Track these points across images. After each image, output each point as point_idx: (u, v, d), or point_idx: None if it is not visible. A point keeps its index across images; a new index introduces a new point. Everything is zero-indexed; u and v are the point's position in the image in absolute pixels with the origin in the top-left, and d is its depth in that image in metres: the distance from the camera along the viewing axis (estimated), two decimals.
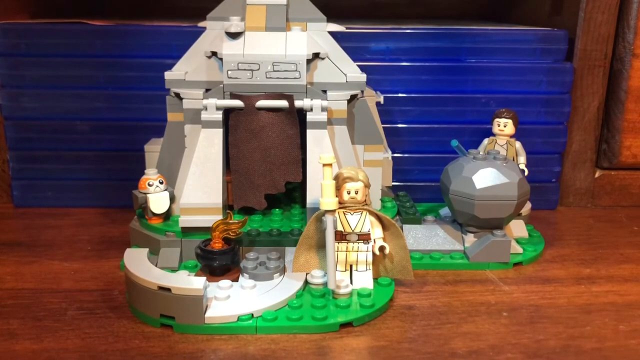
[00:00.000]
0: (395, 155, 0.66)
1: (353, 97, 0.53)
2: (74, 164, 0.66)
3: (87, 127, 0.65)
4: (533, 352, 0.40)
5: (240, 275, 0.46)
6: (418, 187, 0.68)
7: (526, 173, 0.57)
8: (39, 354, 0.39)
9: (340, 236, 0.46)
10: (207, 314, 0.41)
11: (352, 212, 0.46)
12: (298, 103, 0.51)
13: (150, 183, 0.51)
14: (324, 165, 0.44)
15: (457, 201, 0.53)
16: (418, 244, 0.54)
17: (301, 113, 0.51)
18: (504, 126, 0.59)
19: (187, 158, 0.53)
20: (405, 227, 0.55)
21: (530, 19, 0.80)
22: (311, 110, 0.51)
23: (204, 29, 0.53)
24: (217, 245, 0.47)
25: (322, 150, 0.51)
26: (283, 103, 0.51)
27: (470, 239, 0.54)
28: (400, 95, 0.66)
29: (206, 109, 0.51)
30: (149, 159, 0.57)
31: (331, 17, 0.54)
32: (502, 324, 0.44)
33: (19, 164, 0.66)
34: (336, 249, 0.45)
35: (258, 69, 0.51)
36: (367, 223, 0.46)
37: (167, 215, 0.53)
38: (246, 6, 0.52)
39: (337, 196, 0.44)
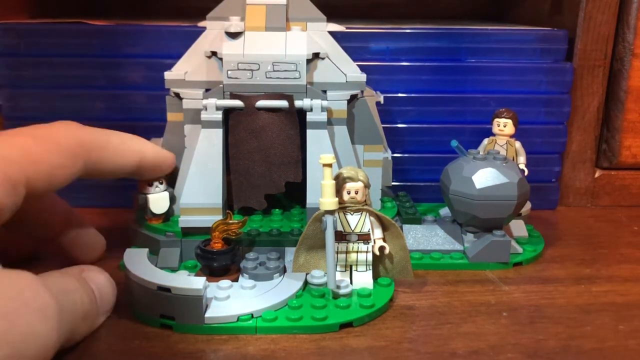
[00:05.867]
0: (395, 155, 0.65)
1: (353, 97, 0.53)
2: None
3: None
4: (533, 352, 0.40)
5: (240, 275, 0.46)
6: (418, 187, 0.68)
7: (526, 173, 0.57)
8: None
9: (340, 236, 0.46)
10: (207, 314, 0.41)
11: (352, 212, 0.46)
12: (298, 103, 0.51)
13: (150, 183, 0.51)
14: (324, 165, 0.43)
15: (457, 201, 0.53)
16: (418, 244, 0.54)
17: (301, 113, 0.51)
18: (503, 126, 0.59)
19: (187, 158, 0.53)
20: (405, 227, 0.55)
21: (530, 19, 0.80)
22: (311, 110, 0.51)
23: (204, 29, 0.53)
24: (217, 245, 0.47)
25: (322, 150, 0.50)
26: (283, 103, 0.51)
27: (470, 239, 0.54)
28: (400, 95, 0.66)
29: (206, 109, 0.51)
30: None
31: (331, 17, 0.54)
32: (502, 324, 0.44)
33: None
34: (336, 249, 0.45)
35: (258, 69, 0.51)
36: (367, 223, 0.46)
37: (167, 216, 0.53)
38: (246, 6, 0.52)
39: (337, 196, 0.44)
